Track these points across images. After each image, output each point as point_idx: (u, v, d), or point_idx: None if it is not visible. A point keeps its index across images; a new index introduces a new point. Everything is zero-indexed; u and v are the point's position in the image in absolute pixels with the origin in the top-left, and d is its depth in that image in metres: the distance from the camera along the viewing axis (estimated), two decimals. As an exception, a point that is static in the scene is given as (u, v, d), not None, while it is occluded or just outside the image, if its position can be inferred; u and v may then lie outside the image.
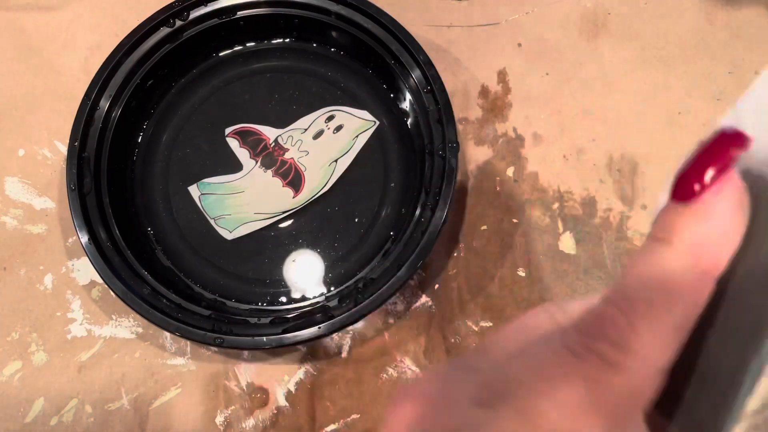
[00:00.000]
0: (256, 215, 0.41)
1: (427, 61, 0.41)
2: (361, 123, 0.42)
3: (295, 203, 0.41)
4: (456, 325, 0.40)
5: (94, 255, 0.37)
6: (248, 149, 0.42)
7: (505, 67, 0.46)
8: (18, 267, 0.42)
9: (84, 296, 0.41)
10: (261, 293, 0.40)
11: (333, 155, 0.41)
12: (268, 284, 0.40)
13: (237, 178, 0.41)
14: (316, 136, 0.41)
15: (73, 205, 0.38)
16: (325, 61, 0.45)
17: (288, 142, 0.42)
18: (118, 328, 0.41)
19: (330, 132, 0.41)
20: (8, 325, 0.40)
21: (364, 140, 0.41)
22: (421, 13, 0.47)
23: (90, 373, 0.40)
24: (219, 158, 0.43)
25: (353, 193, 0.42)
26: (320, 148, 0.41)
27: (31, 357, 0.40)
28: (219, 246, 0.41)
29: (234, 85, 0.44)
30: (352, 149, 0.41)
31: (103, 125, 0.41)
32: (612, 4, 0.47)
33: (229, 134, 0.43)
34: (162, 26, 0.42)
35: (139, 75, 0.42)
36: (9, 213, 0.43)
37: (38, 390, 0.39)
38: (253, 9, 0.44)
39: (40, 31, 0.47)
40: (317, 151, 0.41)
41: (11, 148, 0.44)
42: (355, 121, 0.42)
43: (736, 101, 0.19)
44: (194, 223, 0.41)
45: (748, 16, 0.47)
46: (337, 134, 0.41)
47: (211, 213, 0.41)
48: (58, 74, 0.46)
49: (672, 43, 0.46)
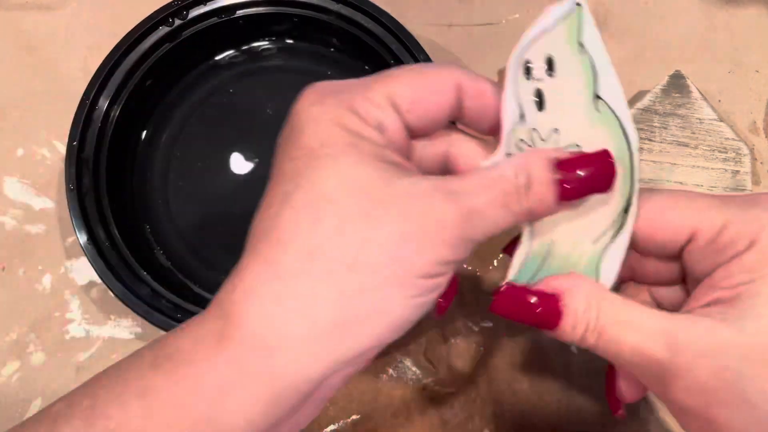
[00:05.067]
0: (596, 243, 0.26)
1: (427, 61, 0.41)
2: (564, 32, 0.24)
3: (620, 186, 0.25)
4: (456, 325, 0.40)
5: (93, 255, 0.37)
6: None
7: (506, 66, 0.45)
8: (16, 267, 0.41)
9: (83, 296, 0.41)
10: (260, 293, 0.40)
11: (584, 96, 0.24)
12: (268, 284, 0.40)
13: (526, 240, 0.26)
14: (540, 106, 0.25)
15: (72, 205, 0.38)
16: (325, 60, 0.45)
17: (535, 141, 0.25)
18: (116, 329, 0.40)
19: (547, 78, 0.25)
20: (6, 325, 0.40)
21: (594, 37, 0.24)
22: (421, 12, 0.47)
23: (88, 373, 0.39)
24: (219, 158, 0.43)
25: (353, 192, 0.42)
26: (561, 110, 0.25)
27: (29, 357, 0.40)
28: (218, 246, 0.41)
29: (234, 85, 0.44)
30: (596, 64, 0.24)
31: (102, 125, 0.40)
32: (612, 4, 0.47)
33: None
34: (161, 25, 0.42)
35: (139, 74, 0.42)
36: (8, 213, 0.43)
37: (36, 390, 0.39)
38: (253, 8, 0.43)
39: (38, 31, 0.47)
40: (562, 116, 0.25)
41: (10, 148, 0.44)
42: (556, 35, 0.24)
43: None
44: (194, 223, 0.41)
45: (748, 16, 0.47)
46: (558, 71, 0.25)
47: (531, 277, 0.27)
48: (57, 74, 0.46)
49: (673, 42, 0.46)
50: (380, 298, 0.21)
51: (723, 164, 0.41)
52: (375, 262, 0.21)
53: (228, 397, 0.21)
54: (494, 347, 0.39)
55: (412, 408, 0.38)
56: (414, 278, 0.21)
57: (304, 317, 0.21)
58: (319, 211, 0.21)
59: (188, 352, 0.21)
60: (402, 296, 0.21)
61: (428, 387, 0.39)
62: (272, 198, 0.22)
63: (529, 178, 0.23)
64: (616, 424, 0.38)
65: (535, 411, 0.38)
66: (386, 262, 0.21)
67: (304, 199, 0.21)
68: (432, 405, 0.38)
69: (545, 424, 0.38)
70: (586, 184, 0.23)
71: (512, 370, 0.39)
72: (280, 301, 0.21)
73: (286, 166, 0.23)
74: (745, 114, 0.44)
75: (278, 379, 0.21)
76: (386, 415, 0.38)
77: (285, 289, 0.21)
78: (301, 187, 0.22)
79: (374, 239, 0.21)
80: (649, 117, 0.42)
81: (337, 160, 0.22)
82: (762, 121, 0.44)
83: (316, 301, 0.21)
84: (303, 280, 0.21)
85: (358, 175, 0.21)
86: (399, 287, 0.21)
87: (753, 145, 0.43)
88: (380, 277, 0.21)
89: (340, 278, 0.21)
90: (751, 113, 0.44)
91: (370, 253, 0.21)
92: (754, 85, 0.45)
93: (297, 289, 0.21)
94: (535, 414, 0.38)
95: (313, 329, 0.21)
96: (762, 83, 0.45)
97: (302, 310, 0.21)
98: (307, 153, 0.22)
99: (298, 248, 0.21)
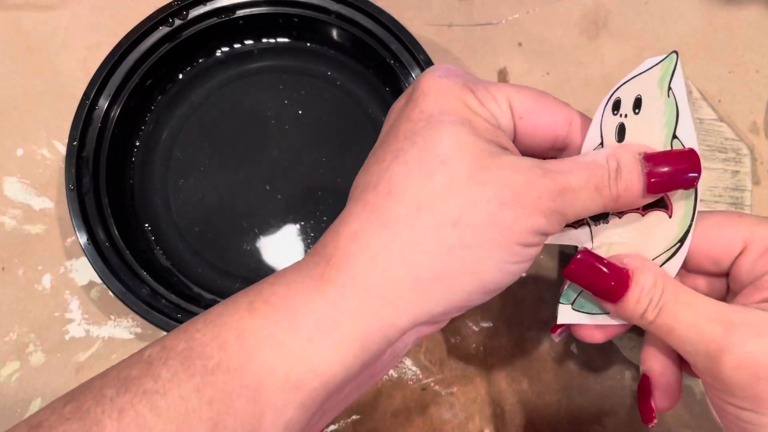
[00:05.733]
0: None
1: (427, 61, 0.41)
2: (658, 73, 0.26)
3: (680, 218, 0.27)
4: (456, 325, 0.40)
5: (93, 255, 0.37)
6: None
7: (506, 66, 0.45)
8: (16, 267, 0.41)
9: (82, 296, 0.41)
10: (260, 293, 0.40)
11: (663, 134, 0.26)
12: (268, 284, 0.40)
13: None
14: (620, 138, 0.27)
15: (72, 205, 0.38)
16: (325, 60, 0.45)
17: None
18: (116, 329, 0.40)
19: (632, 115, 0.27)
20: (6, 325, 0.40)
21: (682, 83, 0.26)
22: (422, 12, 0.47)
23: (88, 373, 0.39)
24: (218, 159, 0.43)
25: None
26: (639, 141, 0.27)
27: (29, 357, 0.40)
28: (218, 247, 0.41)
29: (233, 85, 0.44)
30: (678, 107, 0.26)
31: (102, 125, 0.40)
32: (612, 4, 0.47)
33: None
34: (161, 25, 0.42)
35: (138, 74, 0.42)
36: (7, 213, 0.43)
37: (36, 390, 0.39)
38: (253, 8, 0.43)
39: (38, 31, 0.47)
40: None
41: (10, 148, 0.44)
42: (648, 78, 0.27)
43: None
44: (193, 223, 0.41)
45: (748, 16, 0.47)
46: (643, 109, 0.27)
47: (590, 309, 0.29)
48: (56, 74, 0.46)
49: (672, 43, 0.46)
50: (478, 258, 0.23)
51: (723, 164, 0.41)
52: (477, 222, 0.22)
53: (324, 336, 0.22)
54: (494, 347, 0.39)
55: (412, 408, 0.38)
56: (511, 243, 0.23)
57: (406, 265, 0.22)
58: (431, 168, 0.23)
59: (285, 296, 0.22)
60: (497, 259, 0.23)
61: (428, 387, 0.39)
62: (384, 153, 0.24)
63: (619, 164, 0.25)
64: (616, 424, 0.38)
65: (535, 411, 0.38)
66: (487, 224, 0.22)
67: (418, 156, 0.23)
68: (432, 405, 0.38)
69: (545, 424, 0.38)
70: (672, 179, 0.25)
71: (512, 370, 0.39)
72: (385, 247, 0.22)
73: (403, 126, 0.24)
74: (745, 114, 0.44)
75: (371, 323, 0.22)
76: (386, 415, 0.38)
77: (391, 237, 0.22)
78: (416, 144, 0.23)
79: (478, 200, 0.22)
80: (649, 117, 0.42)
81: (453, 126, 0.23)
82: (762, 121, 0.44)
83: (420, 252, 0.22)
84: (410, 231, 0.22)
85: (469, 143, 0.23)
86: (497, 249, 0.23)
87: (753, 145, 0.43)
88: (481, 237, 0.22)
89: (444, 233, 0.22)
90: (751, 113, 0.44)
91: (474, 213, 0.22)
92: (754, 85, 0.45)
93: (403, 238, 0.22)
94: (535, 414, 0.38)
95: (413, 278, 0.22)
96: (762, 83, 0.45)
97: (406, 258, 0.22)
98: (426, 117, 0.24)
99: (408, 200, 0.22)
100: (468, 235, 0.22)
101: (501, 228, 0.23)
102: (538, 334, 0.39)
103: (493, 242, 0.23)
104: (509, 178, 0.23)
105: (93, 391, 0.22)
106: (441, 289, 0.23)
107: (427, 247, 0.22)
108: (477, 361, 0.39)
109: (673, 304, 0.25)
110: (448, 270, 0.22)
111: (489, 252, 0.23)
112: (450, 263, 0.22)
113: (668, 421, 0.38)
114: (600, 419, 0.38)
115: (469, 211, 0.22)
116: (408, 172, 0.23)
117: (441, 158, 0.23)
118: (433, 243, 0.22)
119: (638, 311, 0.26)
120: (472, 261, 0.23)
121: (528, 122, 0.26)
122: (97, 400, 0.21)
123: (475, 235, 0.22)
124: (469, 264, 0.23)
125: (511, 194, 0.23)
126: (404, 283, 0.22)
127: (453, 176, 0.23)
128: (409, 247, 0.22)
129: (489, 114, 0.25)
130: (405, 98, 0.26)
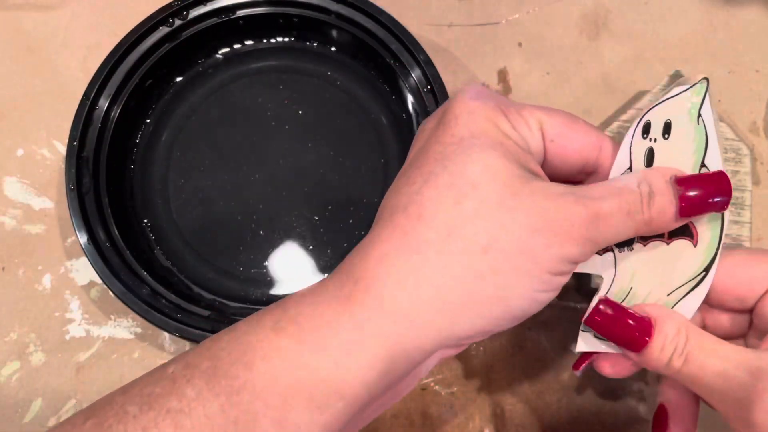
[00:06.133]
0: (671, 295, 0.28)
1: (427, 61, 0.41)
2: (688, 99, 0.27)
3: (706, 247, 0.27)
4: (456, 326, 0.40)
5: (93, 255, 0.37)
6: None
7: (506, 66, 0.45)
8: (16, 267, 0.41)
9: (83, 296, 0.41)
10: (261, 294, 0.40)
11: (692, 161, 0.27)
12: (268, 285, 0.40)
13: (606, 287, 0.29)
14: (649, 163, 0.27)
15: (72, 205, 0.38)
16: (325, 60, 0.45)
17: None
18: (116, 329, 0.40)
19: (662, 140, 0.27)
20: (6, 325, 0.40)
21: (710, 111, 0.27)
22: (421, 12, 0.47)
23: (88, 373, 0.39)
24: (219, 159, 0.43)
25: (353, 193, 0.42)
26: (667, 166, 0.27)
27: (29, 357, 0.40)
28: (218, 246, 0.41)
29: (233, 85, 0.44)
30: (708, 135, 0.26)
31: (102, 125, 0.40)
32: (612, 4, 0.47)
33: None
34: (161, 25, 0.42)
35: (139, 74, 0.42)
36: (7, 213, 0.43)
37: (36, 390, 0.39)
38: (253, 8, 0.43)
39: (38, 31, 0.47)
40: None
41: (10, 148, 0.44)
42: (679, 103, 0.27)
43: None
44: (194, 223, 0.41)
45: (748, 16, 0.47)
46: (673, 135, 0.27)
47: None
48: (56, 74, 0.46)
49: (673, 42, 0.46)
50: (507, 284, 0.23)
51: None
52: (507, 248, 0.22)
53: (349, 358, 0.22)
54: (494, 347, 0.39)
55: (412, 408, 0.38)
56: (541, 271, 0.23)
57: (435, 289, 0.22)
58: (462, 193, 0.23)
59: (311, 316, 0.22)
60: (526, 287, 0.23)
61: (428, 387, 0.39)
62: (414, 176, 0.24)
63: (651, 189, 0.25)
64: (616, 424, 0.38)
65: (535, 411, 0.38)
66: (518, 251, 0.22)
67: (449, 180, 0.23)
68: (432, 405, 0.38)
69: (545, 424, 0.38)
70: (704, 202, 0.25)
71: (512, 370, 0.39)
72: (414, 271, 0.22)
73: (433, 149, 0.24)
74: (745, 114, 0.44)
75: (397, 345, 0.22)
76: (386, 415, 0.38)
77: (421, 261, 0.22)
78: (447, 169, 0.23)
79: (509, 227, 0.22)
80: (649, 117, 0.42)
81: (484, 150, 0.23)
82: (762, 121, 0.44)
83: (449, 277, 0.22)
84: (439, 256, 0.22)
85: (500, 168, 0.23)
86: (526, 277, 0.23)
87: (753, 145, 0.43)
88: (511, 264, 0.22)
89: (474, 259, 0.22)
90: (751, 113, 0.44)
91: (504, 239, 0.22)
92: (754, 85, 0.45)
93: (432, 262, 0.22)
94: (535, 414, 0.38)
95: (441, 302, 0.22)
96: (762, 83, 0.45)
97: (435, 282, 0.22)
98: (457, 141, 0.24)
99: (439, 225, 0.23)
100: (498, 262, 0.22)
101: (531, 255, 0.23)
102: (538, 334, 0.39)
103: (523, 270, 0.23)
104: (541, 204, 0.23)
105: (114, 408, 0.22)
106: (468, 314, 0.23)
107: (457, 272, 0.22)
108: (477, 360, 0.39)
109: (698, 351, 0.25)
110: (476, 295, 0.22)
111: (518, 279, 0.23)
112: (478, 289, 0.22)
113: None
114: (600, 419, 0.38)
115: (500, 237, 0.22)
116: (439, 196, 0.23)
117: (472, 183, 0.23)
118: (462, 268, 0.22)
119: (663, 360, 0.26)
120: (501, 287, 0.23)
121: (559, 145, 0.26)
122: (119, 417, 0.21)
123: (505, 261, 0.22)
124: (498, 290, 0.23)
125: (543, 221, 0.23)
126: (432, 306, 0.22)
127: (483, 201, 0.23)
128: (439, 272, 0.22)
129: (520, 137, 0.25)
130: (435, 120, 0.26)
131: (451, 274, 0.22)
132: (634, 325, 0.26)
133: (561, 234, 0.23)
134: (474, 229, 0.22)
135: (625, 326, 0.26)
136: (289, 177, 0.42)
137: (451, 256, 0.22)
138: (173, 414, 0.21)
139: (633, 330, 0.26)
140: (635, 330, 0.26)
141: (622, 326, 0.26)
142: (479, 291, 0.22)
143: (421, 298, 0.22)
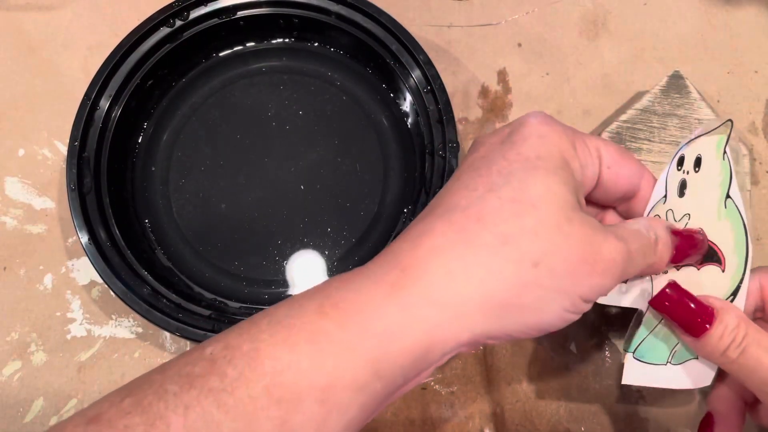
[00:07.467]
0: None
1: (427, 61, 0.41)
2: (716, 137, 0.30)
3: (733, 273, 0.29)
4: (456, 325, 0.40)
5: (94, 255, 0.37)
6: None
7: (506, 66, 0.46)
8: (18, 267, 0.42)
9: (84, 296, 0.41)
10: (261, 293, 0.40)
11: (718, 192, 0.30)
12: (269, 284, 0.40)
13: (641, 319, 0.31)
14: (681, 193, 0.31)
15: (73, 205, 0.38)
16: (325, 61, 0.45)
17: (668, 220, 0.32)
18: (117, 328, 0.41)
19: (693, 173, 0.31)
20: (8, 325, 0.40)
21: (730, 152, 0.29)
22: (421, 12, 0.47)
23: (89, 373, 0.40)
24: (219, 159, 0.43)
25: (353, 193, 0.42)
26: (696, 200, 0.30)
27: (30, 357, 0.40)
28: (219, 246, 0.41)
29: (234, 85, 0.45)
30: (732, 170, 0.29)
31: (103, 125, 0.41)
32: (612, 4, 0.47)
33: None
34: (162, 26, 0.42)
35: (139, 75, 0.42)
36: (9, 213, 0.43)
37: (37, 390, 0.39)
38: (253, 9, 0.44)
39: (39, 31, 0.47)
40: (696, 205, 0.31)
41: (11, 148, 0.44)
42: (708, 140, 0.30)
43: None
44: (194, 223, 0.41)
45: (748, 16, 0.47)
46: (702, 168, 0.30)
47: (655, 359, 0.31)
48: (57, 74, 0.46)
49: (672, 43, 0.46)
50: (546, 299, 0.24)
51: (722, 164, 0.41)
52: (556, 268, 0.24)
53: (392, 342, 0.23)
54: (494, 347, 0.39)
55: (412, 407, 0.38)
56: (575, 295, 0.25)
57: (482, 287, 0.24)
58: (522, 209, 0.24)
59: (355, 301, 0.23)
60: (560, 305, 0.25)
61: (428, 387, 0.39)
62: (475, 183, 0.26)
63: (657, 235, 0.28)
64: (616, 424, 0.38)
65: (535, 411, 0.38)
66: (565, 273, 0.24)
67: (511, 195, 0.25)
68: (432, 404, 0.39)
69: (545, 424, 0.38)
70: (686, 253, 0.29)
71: (512, 370, 0.39)
72: (465, 267, 0.24)
73: (498, 163, 0.26)
74: (744, 114, 0.44)
75: (437, 334, 0.24)
76: (386, 415, 0.38)
77: (474, 259, 0.24)
78: (510, 184, 0.25)
79: (561, 249, 0.24)
80: (648, 117, 0.42)
81: (547, 174, 0.25)
82: (761, 121, 0.44)
83: (497, 280, 0.24)
84: (492, 258, 0.24)
85: (559, 193, 0.25)
86: (564, 297, 0.24)
87: (752, 145, 0.44)
88: (556, 282, 0.24)
89: (524, 269, 0.24)
90: (750, 114, 0.44)
91: (555, 260, 0.24)
92: (753, 86, 0.45)
93: (484, 263, 0.24)
94: (535, 414, 0.38)
95: (484, 300, 0.24)
96: (761, 84, 0.45)
97: (483, 281, 0.24)
98: (522, 159, 0.26)
99: (496, 231, 0.24)
100: (545, 277, 0.24)
101: (574, 280, 0.24)
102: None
103: (564, 290, 0.24)
104: (591, 236, 0.25)
105: (153, 386, 0.22)
106: (505, 317, 0.24)
107: (505, 277, 0.24)
108: (477, 360, 0.39)
109: (756, 347, 0.27)
110: (517, 302, 0.24)
111: (557, 297, 0.24)
112: (521, 297, 0.24)
113: (668, 420, 0.38)
114: (600, 419, 0.38)
115: (552, 256, 0.24)
116: (501, 206, 0.24)
117: (532, 202, 0.24)
118: (511, 274, 0.24)
119: (720, 347, 0.27)
120: (541, 301, 0.24)
121: (613, 172, 0.29)
122: (159, 395, 0.22)
123: (552, 279, 0.24)
124: (537, 302, 0.24)
125: (591, 252, 0.24)
126: (476, 303, 0.24)
127: (541, 221, 0.24)
128: (489, 273, 0.24)
129: (579, 166, 0.27)
130: (499, 137, 0.27)
131: (500, 277, 0.24)
132: (696, 310, 0.28)
133: (603, 268, 0.25)
134: (529, 243, 0.24)
135: (689, 310, 0.28)
136: (289, 177, 0.42)
137: (504, 262, 0.24)
138: (216, 393, 0.21)
139: (695, 315, 0.27)
140: (697, 315, 0.27)
141: (685, 309, 0.28)
142: (521, 299, 0.24)
143: (468, 293, 0.24)
